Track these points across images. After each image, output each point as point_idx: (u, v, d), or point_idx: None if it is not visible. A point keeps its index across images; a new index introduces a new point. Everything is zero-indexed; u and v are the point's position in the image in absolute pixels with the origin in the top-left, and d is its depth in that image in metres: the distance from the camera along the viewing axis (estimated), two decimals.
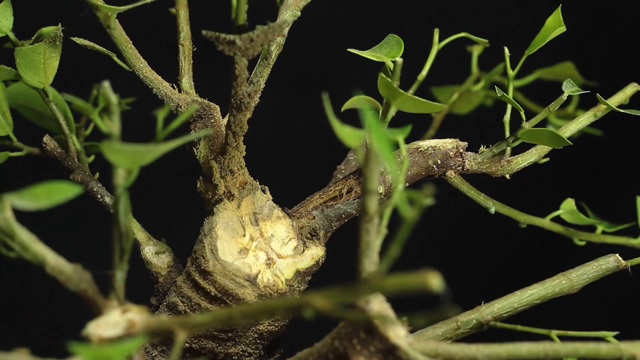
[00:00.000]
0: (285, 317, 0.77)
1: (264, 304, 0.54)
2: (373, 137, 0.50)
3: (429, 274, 0.44)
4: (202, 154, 0.77)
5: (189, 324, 0.52)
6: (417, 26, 1.08)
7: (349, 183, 0.78)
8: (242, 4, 0.65)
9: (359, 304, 0.55)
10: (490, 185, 0.83)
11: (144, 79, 0.78)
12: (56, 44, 0.77)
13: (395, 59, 0.73)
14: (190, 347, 0.76)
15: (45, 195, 0.53)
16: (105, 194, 0.81)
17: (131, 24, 0.80)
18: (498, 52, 0.82)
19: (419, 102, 0.71)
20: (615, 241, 0.76)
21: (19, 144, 0.83)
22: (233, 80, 0.70)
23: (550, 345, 0.56)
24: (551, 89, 0.88)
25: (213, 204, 0.76)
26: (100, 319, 0.54)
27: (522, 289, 0.74)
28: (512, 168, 0.80)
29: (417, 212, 0.48)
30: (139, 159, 0.52)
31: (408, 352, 0.56)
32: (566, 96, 0.76)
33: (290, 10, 0.78)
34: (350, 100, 0.78)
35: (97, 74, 0.75)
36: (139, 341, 0.51)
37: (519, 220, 0.79)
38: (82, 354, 0.48)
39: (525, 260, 1.65)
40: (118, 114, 0.52)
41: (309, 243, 0.76)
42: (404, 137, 0.66)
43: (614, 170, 1.62)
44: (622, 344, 0.57)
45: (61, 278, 0.54)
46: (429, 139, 0.83)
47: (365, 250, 0.54)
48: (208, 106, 0.77)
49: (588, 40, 1.57)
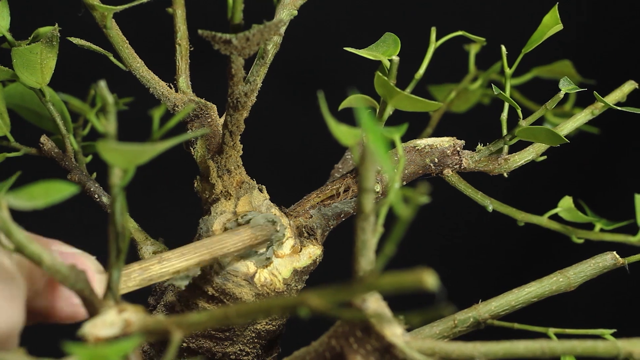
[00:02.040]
0: (283, 316, 0.77)
1: (260, 304, 0.54)
2: (369, 135, 0.50)
3: (424, 273, 0.44)
4: (199, 153, 0.77)
5: (185, 323, 0.52)
6: (414, 25, 1.08)
7: (346, 182, 0.78)
8: (238, 3, 0.65)
9: (355, 303, 0.55)
10: (487, 183, 0.83)
11: (141, 79, 0.78)
12: (53, 44, 0.77)
13: (391, 58, 0.73)
14: (188, 346, 0.76)
15: (42, 194, 0.53)
16: (102, 194, 0.81)
17: (128, 23, 0.80)
18: (495, 50, 0.82)
19: (416, 101, 0.71)
20: (614, 239, 0.76)
21: (17, 144, 0.83)
22: (229, 79, 0.70)
23: (547, 343, 0.56)
24: (548, 87, 0.88)
25: (210, 204, 0.76)
26: (96, 319, 0.54)
27: (520, 287, 0.74)
28: (510, 166, 0.80)
29: (412, 211, 0.48)
30: (135, 158, 0.52)
31: (405, 351, 0.56)
32: (563, 94, 0.76)
33: (287, 9, 0.78)
34: (347, 99, 0.78)
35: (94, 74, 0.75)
36: (136, 341, 0.51)
37: (517, 218, 0.79)
38: (78, 354, 0.48)
39: (522, 258, 1.65)
40: (114, 114, 0.52)
41: (306, 242, 0.76)
42: (400, 136, 0.66)
43: (612, 168, 1.62)
44: (619, 341, 0.57)
45: (57, 278, 0.54)
46: (426, 137, 0.82)
47: (362, 248, 0.54)
48: (205, 105, 0.77)
49: (585, 38, 1.57)
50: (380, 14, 1.59)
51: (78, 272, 0.55)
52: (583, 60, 1.10)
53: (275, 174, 1.27)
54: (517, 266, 1.64)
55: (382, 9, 1.60)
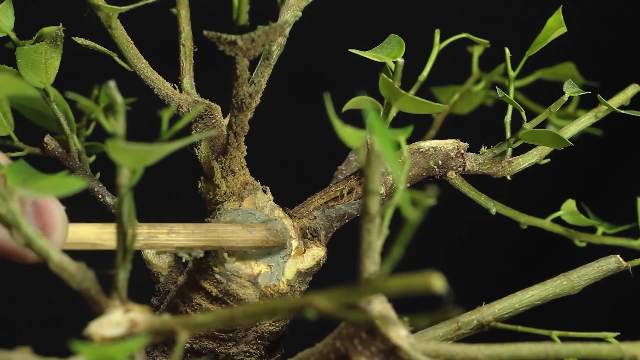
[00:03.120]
0: (287, 318, 0.77)
1: (267, 305, 0.54)
2: (376, 137, 0.50)
3: (432, 275, 0.44)
4: (203, 154, 0.77)
5: (191, 324, 0.52)
6: (418, 27, 1.08)
7: (350, 183, 0.78)
8: (243, 4, 0.65)
9: (360, 305, 0.55)
10: (491, 186, 0.83)
11: (145, 79, 0.78)
12: (57, 44, 0.77)
13: (396, 60, 0.73)
14: (191, 347, 0.76)
15: (50, 187, 0.53)
16: (106, 194, 0.81)
17: (132, 24, 0.80)
18: (499, 52, 0.82)
19: (420, 103, 0.71)
20: (616, 242, 0.76)
21: (20, 144, 0.83)
22: (234, 80, 0.70)
23: (551, 345, 0.56)
24: (552, 90, 0.88)
25: (214, 205, 0.76)
26: (102, 319, 0.54)
27: (523, 290, 0.74)
28: (513, 169, 0.80)
29: (420, 213, 0.48)
30: (143, 158, 0.52)
31: (409, 353, 0.56)
32: (567, 97, 0.76)
33: (292, 11, 0.79)
34: (351, 101, 0.78)
35: (98, 74, 0.75)
36: (141, 341, 0.51)
37: (520, 221, 0.79)
38: (84, 353, 0.48)
39: (525, 261, 1.65)
40: (123, 114, 0.52)
41: (310, 243, 0.76)
42: (405, 138, 0.66)
43: (615, 171, 1.62)
44: (623, 344, 0.57)
45: (64, 275, 0.55)
46: (430, 139, 0.83)
47: (367, 250, 0.54)
48: (209, 106, 0.77)
49: (589, 41, 1.57)
50: (384, 16, 1.59)
51: (85, 271, 0.55)
52: (586, 62, 1.10)
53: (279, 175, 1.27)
54: (521, 269, 1.63)
55: (386, 10, 1.60)
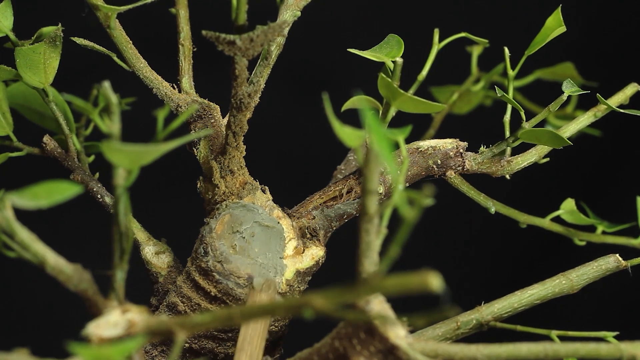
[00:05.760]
0: (286, 317, 0.77)
1: (265, 305, 0.54)
2: (373, 137, 0.50)
3: (430, 275, 0.44)
4: (202, 154, 0.77)
5: (188, 324, 0.52)
6: (417, 26, 1.08)
7: (348, 183, 0.78)
8: (242, 4, 0.65)
9: (359, 304, 0.55)
10: (490, 185, 0.83)
11: (144, 79, 0.78)
12: (56, 44, 0.77)
13: (395, 59, 0.73)
14: (190, 347, 0.76)
15: (45, 194, 0.53)
16: (105, 194, 0.81)
17: (131, 24, 0.80)
18: (498, 52, 0.82)
19: (419, 102, 0.71)
20: (615, 241, 0.76)
21: (19, 144, 0.83)
22: (233, 80, 0.70)
23: (550, 345, 0.56)
24: (551, 89, 0.88)
25: (213, 204, 0.76)
26: (100, 319, 0.54)
27: (522, 289, 0.74)
28: (512, 168, 0.79)
29: (417, 213, 0.48)
30: (139, 159, 0.52)
31: (408, 352, 0.56)
32: (566, 96, 0.76)
33: (290, 10, 0.78)
34: (350, 100, 0.78)
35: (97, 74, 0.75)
36: (139, 341, 0.51)
37: (519, 220, 0.79)
38: (82, 354, 0.48)
39: (525, 261, 1.65)
40: (118, 114, 0.52)
41: (309, 243, 0.76)
42: (404, 137, 0.66)
43: (614, 170, 1.62)
44: (622, 344, 0.57)
45: (61, 278, 0.54)
46: (429, 139, 0.82)
47: (365, 250, 0.54)
48: (208, 106, 0.77)
49: (588, 41, 1.57)
50: (383, 16, 1.59)
51: (82, 272, 0.55)
52: (585, 62, 1.10)
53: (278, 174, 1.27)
54: (520, 268, 1.63)
55: (385, 10, 1.60)
